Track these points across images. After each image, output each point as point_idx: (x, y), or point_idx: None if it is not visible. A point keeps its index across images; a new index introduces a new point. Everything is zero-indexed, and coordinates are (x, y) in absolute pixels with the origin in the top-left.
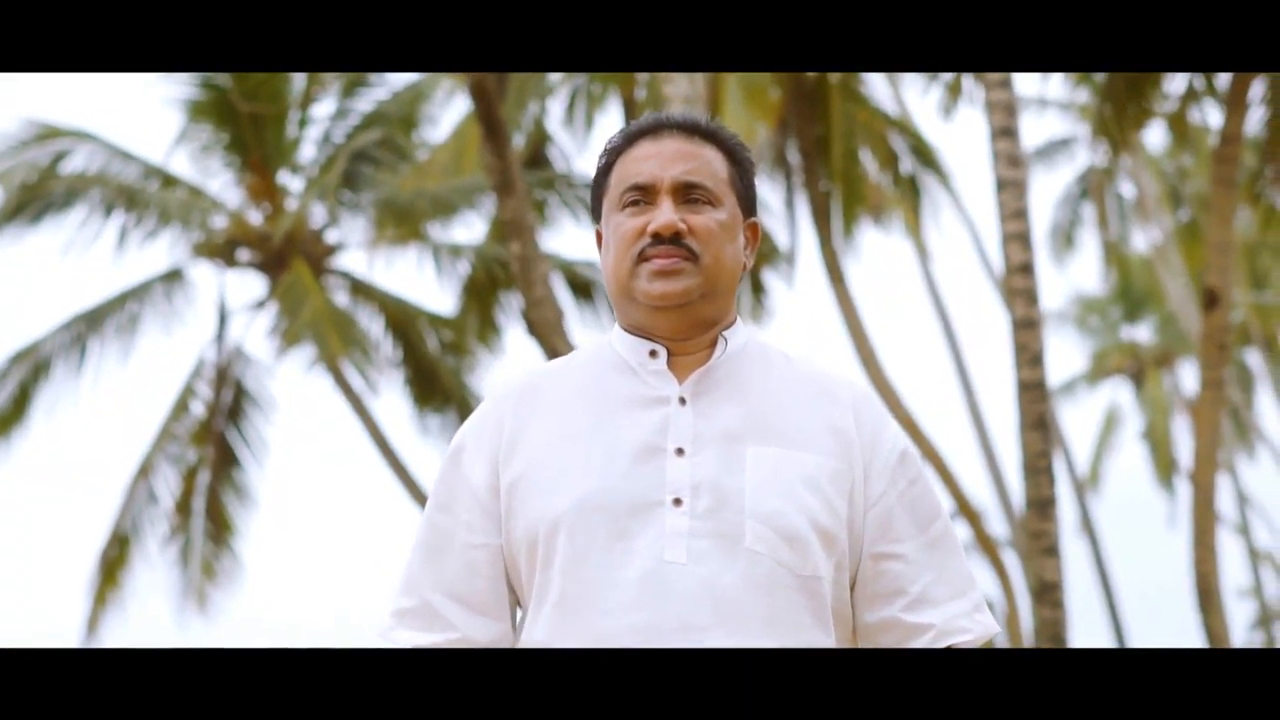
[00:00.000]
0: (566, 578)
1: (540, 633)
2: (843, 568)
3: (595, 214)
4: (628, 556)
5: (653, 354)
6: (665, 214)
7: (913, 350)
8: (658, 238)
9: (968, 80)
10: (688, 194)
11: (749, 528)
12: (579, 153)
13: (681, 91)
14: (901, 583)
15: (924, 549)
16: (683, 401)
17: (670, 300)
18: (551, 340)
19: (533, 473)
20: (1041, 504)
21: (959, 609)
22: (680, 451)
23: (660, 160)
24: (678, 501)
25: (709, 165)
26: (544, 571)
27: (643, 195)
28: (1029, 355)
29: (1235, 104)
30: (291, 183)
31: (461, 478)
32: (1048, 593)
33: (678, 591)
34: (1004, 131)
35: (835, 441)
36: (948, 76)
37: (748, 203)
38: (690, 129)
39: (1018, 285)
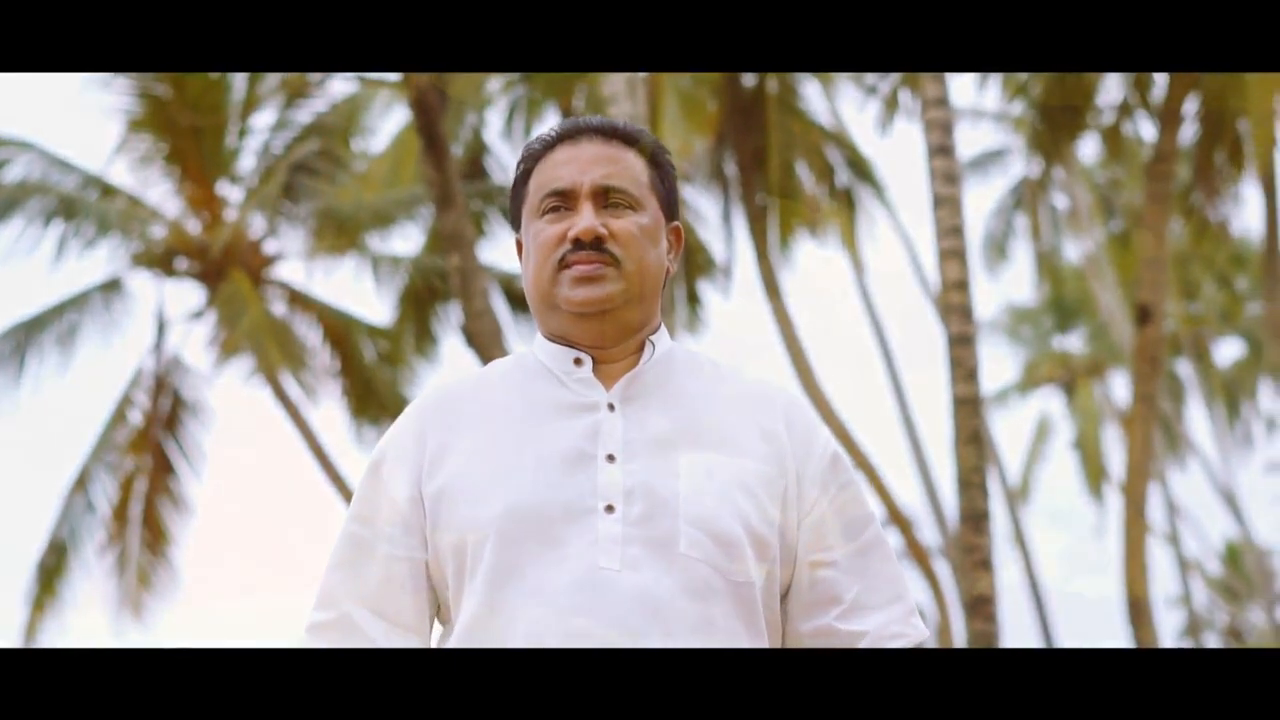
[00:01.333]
0: (497, 586)
1: (471, 642)
2: (774, 576)
3: (514, 223)
4: (560, 564)
5: (577, 362)
6: (586, 219)
7: (848, 362)
8: (579, 243)
9: (904, 94)
10: (608, 198)
11: (684, 533)
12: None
13: (624, 111)
14: (836, 590)
15: (856, 555)
16: (611, 408)
17: (593, 306)
18: (490, 352)
19: (460, 482)
20: (975, 518)
21: (893, 615)
22: (611, 458)
23: (579, 165)
24: (610, 508)
25: (629, 169)
26: (472, 580)
27: (562, 201)
28: (964, 370)
29: (1169, 120)
30: (230, 193)
31: (382, 491)
32: (980, 606)
33: (612, 598)
34: (940, 149)
35: (767, 447)
36: (885, 90)
37: (670, 206)
38: (609, 132)
39: (953, 301)
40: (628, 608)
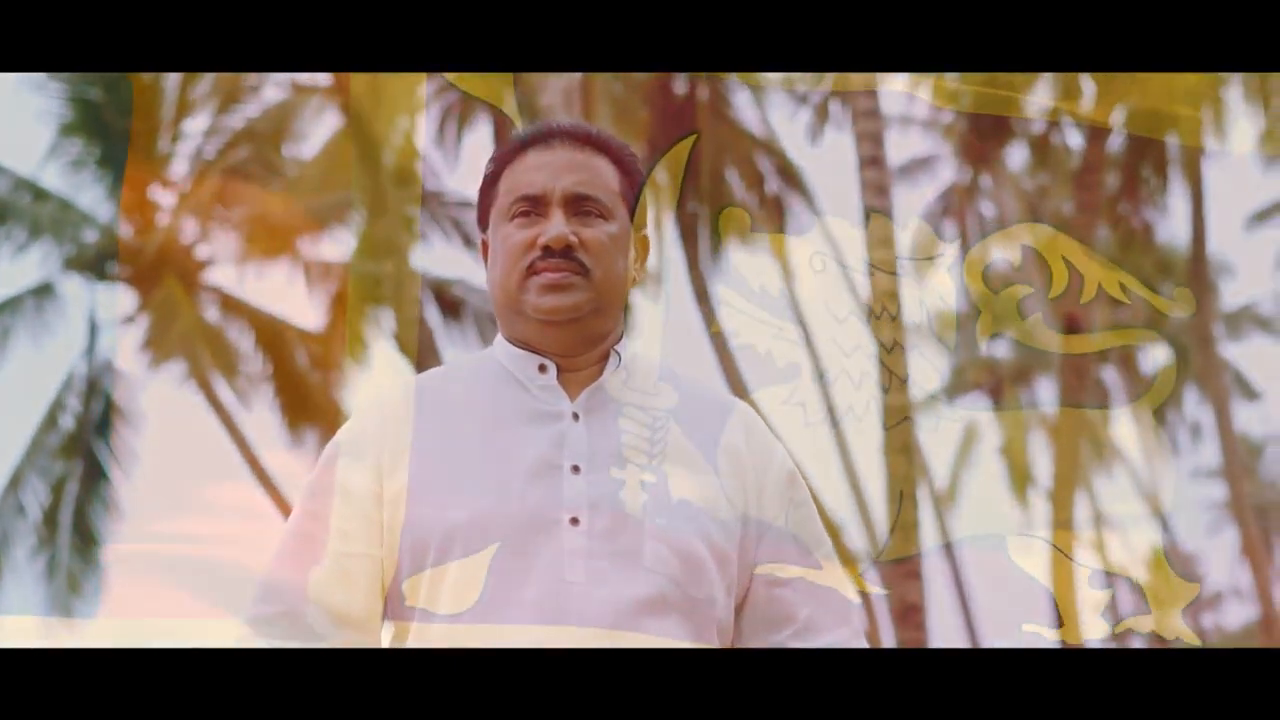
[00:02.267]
0: (460, 595)
1: (431, 645)
2: (731, 590)
3: (482, 223)
4: (527, 575)
5: (542, 369)
6: (556, 226)
7: (778, 370)
8: (548, 251)
9: (835, 104)
10: (579, 206)
11: (648, 548)
12: (450, 170)
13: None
14: (790, 610)
15: (810, 574)
16: (576, 417)
17: (560, 315)
18: (423, 358)
19: (422, 484)
20: (905, 527)
21: (843, 636)
22: (576, 469)
23: (551, 170)
24: (575, 520)
25: (601, 176)
26: (434, 587)
27: (533, 206)
28: (895, 380)
29: (1097, 130)
30: (163, 198)
31: (338, 485)
32: (910, 615)
33: (576, 611)
34: (872, 160)
35: (728, 462)
36: (816, 99)
37: (638, 214)
38: (582, 138)
39: (883, 310)
40: (591, 621)
